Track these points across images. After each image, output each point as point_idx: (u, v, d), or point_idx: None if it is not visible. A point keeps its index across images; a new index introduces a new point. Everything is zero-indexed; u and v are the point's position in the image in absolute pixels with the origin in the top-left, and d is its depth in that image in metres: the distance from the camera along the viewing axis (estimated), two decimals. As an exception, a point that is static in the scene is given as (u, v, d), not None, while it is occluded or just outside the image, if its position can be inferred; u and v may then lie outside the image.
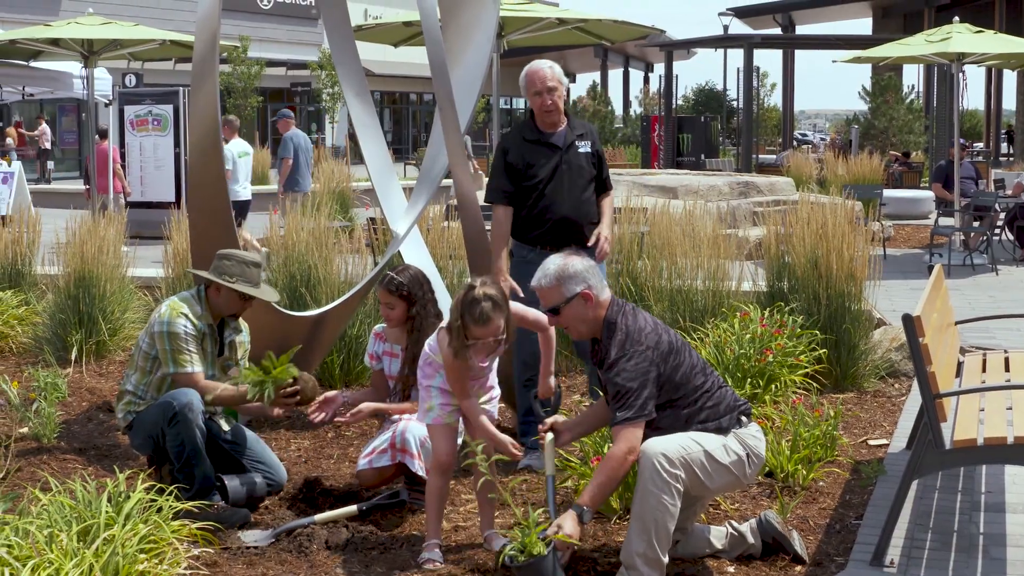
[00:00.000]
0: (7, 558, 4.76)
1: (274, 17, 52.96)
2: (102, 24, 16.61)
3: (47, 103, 42.07)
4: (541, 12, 13.45)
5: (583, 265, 5.66)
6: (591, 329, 5.66)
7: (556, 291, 5.62)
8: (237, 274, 6.83)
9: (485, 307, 5.58)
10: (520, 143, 7.67)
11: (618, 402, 5.43)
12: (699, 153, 35.17)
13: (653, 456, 5.27)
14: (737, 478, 5.57)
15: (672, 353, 5.53)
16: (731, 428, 5.54)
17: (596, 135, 7.89)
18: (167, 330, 6.74)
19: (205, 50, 7.84)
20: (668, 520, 5.27)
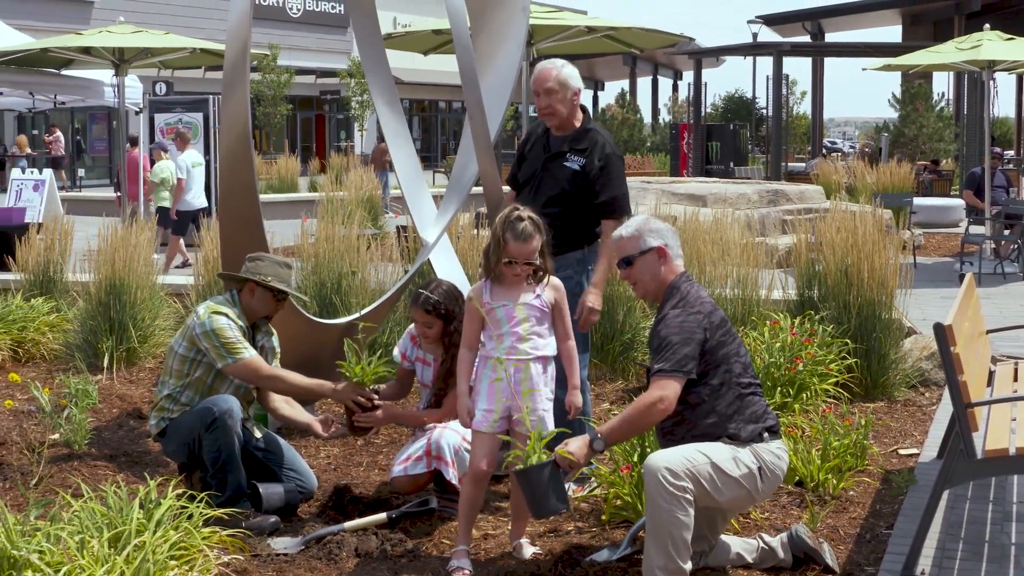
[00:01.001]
0: (39, 564, 4.78)
1: (304, 25, 53.12)
2: (133, 33, 16.68)
3: (78, 111, 42.28)
4: (570, 20, 13.43)
5: (666, 226, 5.75)
6: (657, 289, 5.67)
7: (634, 241, 5.66)
8: (270, 274, 6.86)
9: (527, 225, 5.73)
10: (532, 134, 7.51)
11: (657, 354, 5.43)
12: (728, 161, 35.16)
13: (657, 471, 5.24)
14: (749, 493, 5.51)
15: (722, 329, 5.52)
16: (750, 441, 5.50)
17: (604, 154, 7.18)
18: (211, 327, 6.75)
19: (236, 58, 7.86)
20: (683, 531, 5.24)
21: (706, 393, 5.46)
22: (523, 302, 5.85)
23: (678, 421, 5.47)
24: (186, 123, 21.97)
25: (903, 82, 44.09)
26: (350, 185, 21.83)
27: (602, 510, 6.52)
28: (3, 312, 11.11)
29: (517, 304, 5.85)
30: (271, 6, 50.59)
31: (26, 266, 12.32)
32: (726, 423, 5.47)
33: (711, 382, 5.47)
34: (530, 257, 5.76)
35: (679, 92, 74.27)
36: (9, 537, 4.88)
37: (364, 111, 49.03)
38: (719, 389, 5.48)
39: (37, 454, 7.61)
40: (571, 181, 7.17)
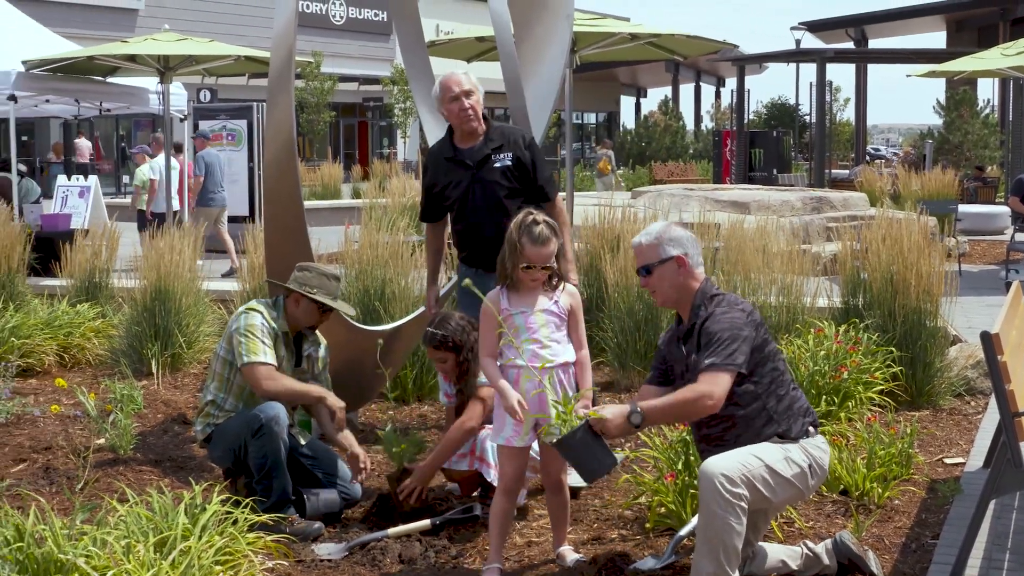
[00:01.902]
0: (85, 568, 4.80)
1: (347, 33, 53.30)
2: (178, 40, 16.77)
3: (122, 118, 42.55)
4: (613, 27, 13.39)
5: (686, 234, 5.68)
6: (678, 297, 5.62)
7: (653, 250, 5.60)
8: (317, 286, 6.88)
9: (543, 229, 5.74)
10: (437, 162, 7.49)
11: (707, 349, 5.37)
12: (771, 168, 35.01)
13: (714, 477, 5.20)
14: (800, 491, 5.50)
15: (763, 327, 5.51)
16: (799, 437, 5.49)
17: (523, 141, 7.35)
18: (244, 324, 6.82)
19: (281, 65, 7.90)
20: (735, 539, 5.21)
21: (757, 391, 5.43)
22: (541, 308, 5.85)
23: (728, 426, 5.44)
24: (230, 130, 22.08)
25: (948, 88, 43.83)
26: (393, 192, 21.88)
27: (646, 518, 6.50)
28: (50, 318, 11.20)
29: (535, 311, 5.84)
30: (314, 14, 50.80)
31: (72, 272, 12.41)
32: (778, 420, 5.44)
33: (762, 380, 5.44)
34: (547, 261, 5.77)
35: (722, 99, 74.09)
36: (56, 541, 4.91)
37: (407, 118, 49.15)
38: (769, 386, 5.46)
39: (83, 459, 7.66)
40: (508, 177, 7.27)
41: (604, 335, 10.20)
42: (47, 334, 10.96)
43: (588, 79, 60.23)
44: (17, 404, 9.15)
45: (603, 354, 10.17)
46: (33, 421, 8.93)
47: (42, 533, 4.99)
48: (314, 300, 6.87)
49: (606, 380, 10.06)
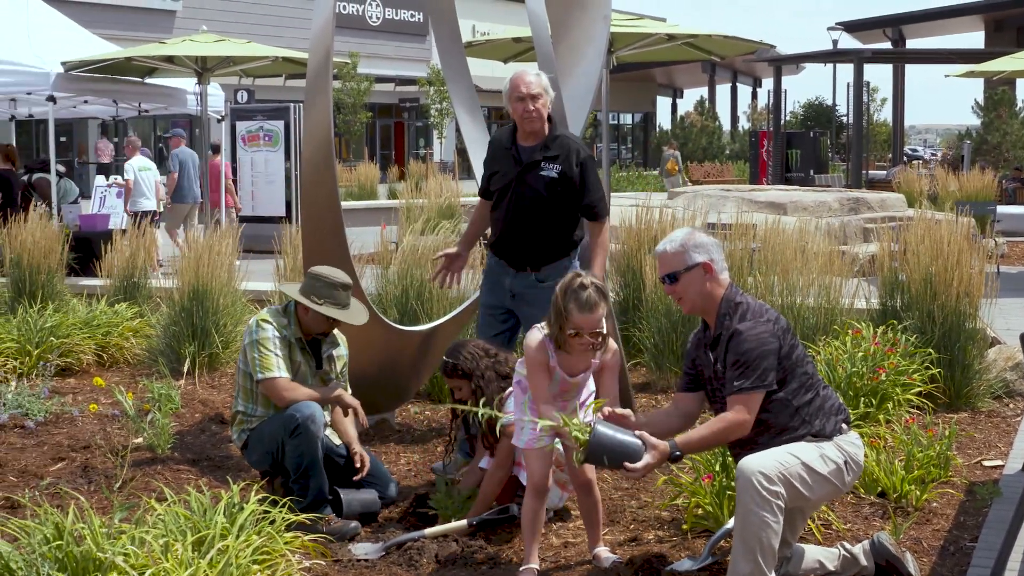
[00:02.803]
0: (124, 566, 4.82)
1: (383, 34, 53.37)
2: (215, 42, 16.83)
3: (160, 119, 42.72)
4: (650, 28, 13.37)
5: (710, 239, 5.66)
6: (704, 304, 5.60)
7: (679, 257, 5.59)
8: (325, 296, 6.88)
9: (591, 293, 5.60)
10: (496, 147, 7.57)
11: (736, 370, 5.37)
12: (808, 169, 34.88)
13: (751, 475, 5.19)
14: (837, 487, 5.49)
15: (788, 333, 5.50)
16: (833, 435, 5.47)
17: (576, 157, 7.31)
18: (255, 338, 6.86)
19: (319, 66, 7.92)
20: (772, 538, 5.20)
21: (789, 397, 5.42)
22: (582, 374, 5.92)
23: (761, 430, 5.43)
24: (267, 131, 22.16)
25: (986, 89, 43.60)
26: (429, 192, 21.91)
27: (683, 519, 6.49)
28: (88, 317, 11.26)
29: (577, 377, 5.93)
30: (351, 15, 50.89)
31: (110, 272, 12.47)
32: (810, 421, 5.43)
33: (792, 386, 5.44)
34: (596, 327, 5.67)
35: (758, 99, 73.89)
36: (95, 539, 4.93)
37: (443, 119, 49.21)
38: (800, 391, 5.45)
39: (121, 458, 7.69)
40: (550, 189, 7.26)
41: (641, 336, 10.19)
42: (85, 333, 11.02)
43: (624, 79, 60.14)
44: (56, 403, 9.20)
45: (639, 355, 10.16)
46: (71, 420, 8.98)
47: (81, 531, 5.01)
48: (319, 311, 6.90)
49: (642, 381, 10.05)
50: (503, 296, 7.57)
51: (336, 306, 6.91)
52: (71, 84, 16.71)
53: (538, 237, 7.36)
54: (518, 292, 7.49)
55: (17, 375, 10.13)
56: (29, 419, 8.80)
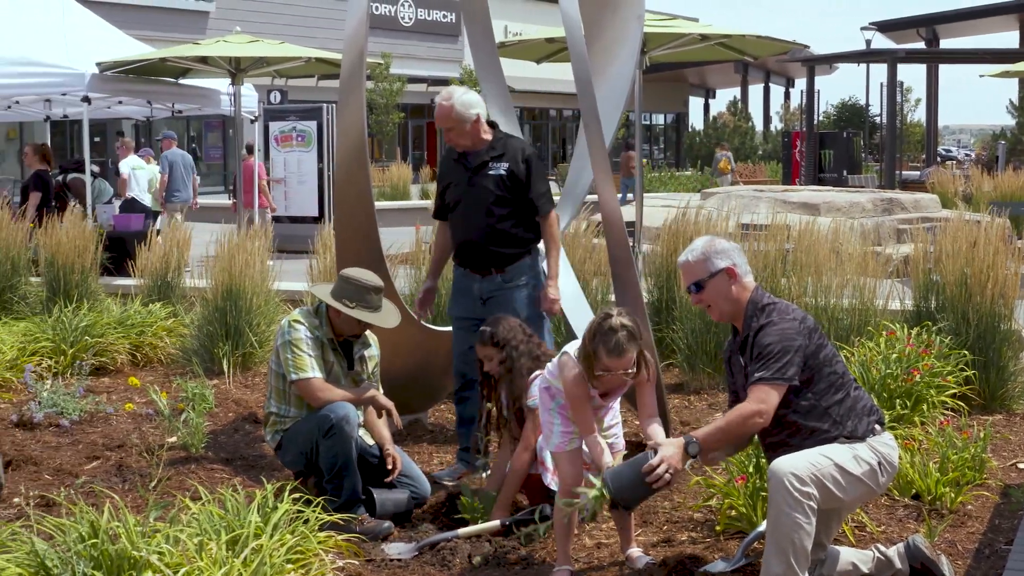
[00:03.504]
0: (158, 564, 4.84)
1: (415, 34, 53.44)
2: (249, 42, 16.88)
3: (193, 119, 42.91)
4: (684, 28, 13.33)
5: (730, 244, 5.66)
6: (733, 310, 5.60)
7: (701, 265, 5.59)
8: (356, 299, 6.88)
9: (621, 337, 5.50)
10: (447, 162, 7.83)
11: (757, 362, 5.36)
12: (841, 169, 34.72)
13: (783, 476, 5.18)
14: (871, 488, 5.47)
15: (816, 333, 5.47)
16: (866, 436, 5.45)
17: (521, 154, 7.57)
18: (288, 339, 6.87)
19: (352, 66, 7.94)
20: (804, 539, 5.19)
21: (817, 398, 5.41)
22: (616, 392, 5.94)
23: (792, 432, 5.42)
24: (300, 131, 22.22)
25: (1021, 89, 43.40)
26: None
27: (716, 520, 6.47)
28: (122, 317, 11.32)
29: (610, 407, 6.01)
30: (383, 15, 50.98)
31: (145, 272, 12.52)
32: (842, 423, 5.41)
33: (819, 386, 5.42)
34: (627, 368, 5.62)
35: (791, 99, 73.72)
36: (130, 538, 4.96)
37: (475, 119, 49.18)
38: (828, 391, 5.43)
39: (155, 457, 7.72)
40: (501, 186, 7.49)
41: (674, 336, 10.17)
42: (120, 333, 11.07)
43: (656, 80, 60.07)
44: (90, 402, 9.25)
45: (673, 356, 10.14)
46: (106, 419, 9.02)
47: (116, 530, 5.04)
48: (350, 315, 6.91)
49: (676, 382, 10.03)
50: (473, 305, 7.70)
51: (367, 309, 6.92)
52: (105, 85, 16.77)
53: (496, 236, 7.52)
54: (487, 297, 7.64)
55: (52, 374, 10.18)
56: (64, 418, 8.85)
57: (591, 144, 7.58)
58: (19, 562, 5.00)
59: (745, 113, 63.90)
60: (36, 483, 7.43)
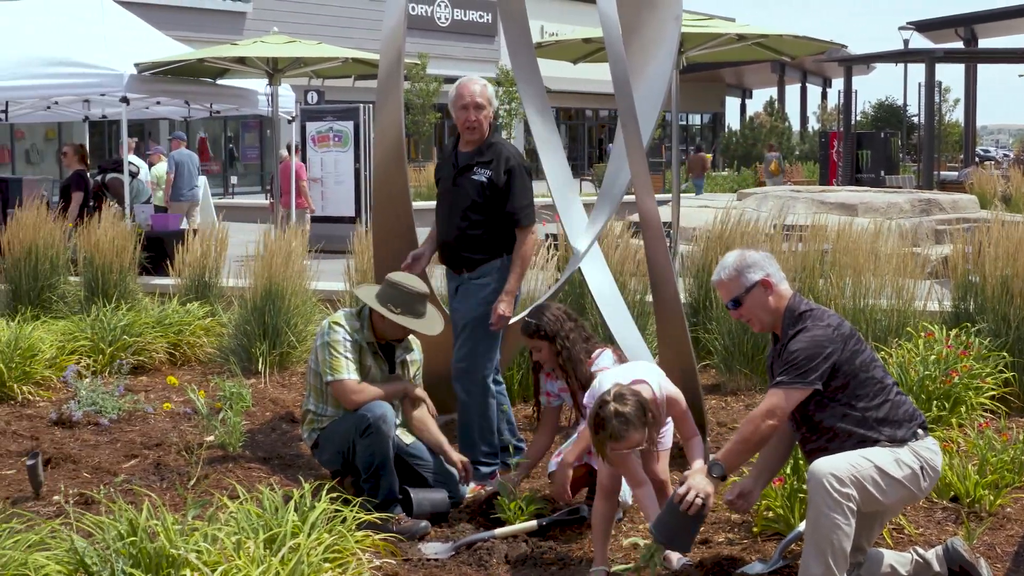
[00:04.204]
0: (196, 563, 4.87)
1: (452, 34, 53.46)
2: (286, 43, 16.93)
3: (230, 119, 43.08)
4: (721, 28, 13.30)
5: (761, 255, 5.68)
6: (773, 320, 5.61)
7: (736, 281, 5.61)
8: (400, 305, 6.88)
9: (616, 426, 5.51)
10: (443, 155, 7.86)
11: (781, 367, 5.39)
12: (879, 170, 34.54)
13: (822, 476, 5.18)
14: (912, 493, 5.45)
15: (853, 339, 5.47)
16: (907, 440, 5.43)
17: (506, 164, 7.49)
18: (326, 340, 6.88)
19: (390, 66, 7.95)
20: (843, 540, 5.18)
21: (854, 403, 5.40)
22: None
23: (831, 437, 5.41)
24: (337, 131, 22.26)
25: (1061, 89, 43.03)
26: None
27: (753, 522, 6.46)
28: (160, 316, 11.37)
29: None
30: (420, 15, 51.03)
31: (182, 271, 12.58)
32: (882, 428, 5.39)
33: (856, 392, 5.41)
34: (636, 447, 5.64)
35: (828, 99, 73.42)
36: (168, 536, 4.98)
37: (511, 119, 49.20)
38: (866, 396, 5.42)
39: (193, 455, 7.75)
40: (480, 193, 7.47)
41: (710, 337, 10.15)
42: (158, 332, 11.12)
43: (693, 80, 59.94)
44: (129, 401, 9.29)
45: (709, 356, 10.11)
46: (144, 418, 9.07)
47: (155, 528, 5.07)
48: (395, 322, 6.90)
49: (712, 383, 10.00)
50: (451, 298, 7.80)
51: (411, 315, 6.92)
52: (144, 85, 16.85)
53: (467, 240, 7.52)
54: (454, 292, 7.74)
55: (91, 373, 10.23)
56: (103, 416, 8.90)
57: (629, 144, 7.55)
58: (59, 559, 5.04)
59: (782, 113, 63.69)
60: (75, 481, 7.48)
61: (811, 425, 5.46)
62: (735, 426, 8.63)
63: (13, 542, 5.18)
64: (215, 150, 46.19)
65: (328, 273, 12.17)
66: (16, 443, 8.40)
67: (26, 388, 9.71)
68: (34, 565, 4.97)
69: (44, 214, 13.14)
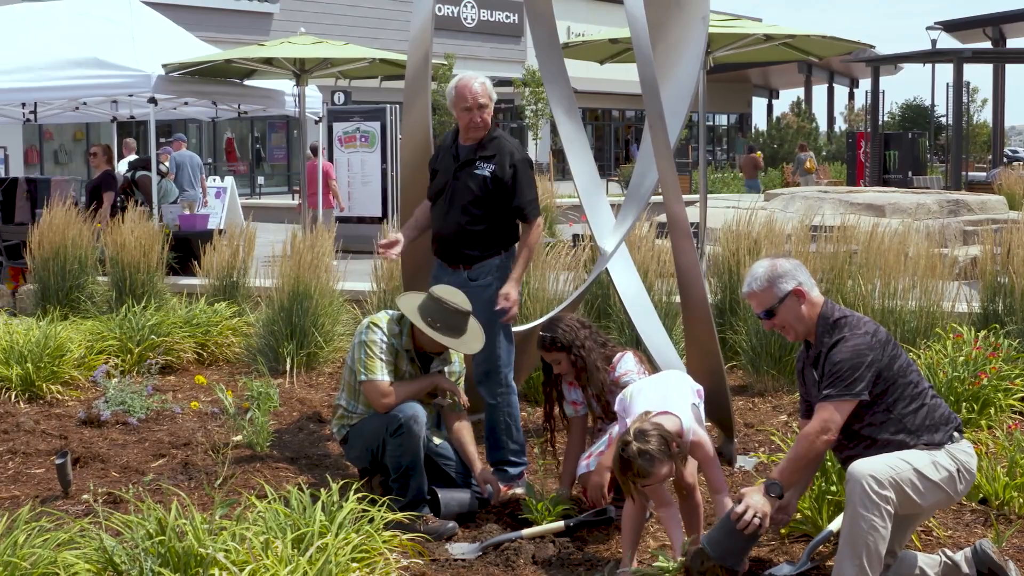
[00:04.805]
0: (225, 562, 4.88)
1: (478, 35, 53.48)
2: (313, 43, 16.95)
3: (257, 120, 43.18)
4: (748, 28, 13.26)
5: (791, 264, 5.66)
6: (806, 328, 5.61)
7: (769, 292, 5.60)
8: (440, 320, 6.79)
9: (641, 465, 5.50)
10: (440, 149, 7.76)
11: (826, 380, 5.38)
12: (906, 170, 34.40)
13: (861, 478, 5.18)
14: (948, 495, 5.45)
15: (890, 344, 5.47)
16: (944, 443, 5.42)
17: (510, 159, 7.48)
18: (363, 339, 6.86)
19: (418, 67, 7.97)
20: (879, 543, 5.17)
21: (891, 410, 5.39)
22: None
23: (868, 445, 5.41)
24: (364, 132, 22.30)
25: (1090, 90, 42.78)
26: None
27: (781, 523, 6.44)
28: (188, 316, 11.41)
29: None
30: (446, 16, 51.06)
31: (210, 271, 12.61)
32: (918, 433, 5.39)
33: (893, 398, 5.40)
34: (665, 480, 5.65)
35: (855, 100, 73.18)
36: (196, 535, 5.00)
37: (538, 120, 49.18)
38: (903, 402, 5.41)
39: (221, 455, 7.78)
40: (483, 188, 7.42)
41: (737, 338, 10.13)
42: (186, 332, 11.16)
43: (719, 80, 59.81)
44: (157, 400, 9.32)
45: (736, 357, 10.10)
46: (172, 417, 9.09)
47: (183, 527, 5.08)
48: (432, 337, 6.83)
49: (739, 384, 9.98)
50: None
51: (451, 331, 6.82)
52: (172, 86, 16.88)
53: (466, 235, 7.47)
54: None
55: (119, 372, 10.27)
56: (131, 416, 8.93)
57: (656, 145, 7.54)
58: (88, 558, 5.07)
59: (809, 114, 63.50)
60: (103, 480, 7.51)
61: (849, 432, 5.45)
62: (762, 428, 8.62)
63: (42, 540, 5.21)
64: (242, 151, 46.32)
65: (355, 273, 12.19)
66: (45, 442, 8.44)
67: (55, 387, 9.76)
68: (63, 563, 5.00)
69: (72, 214, 13.20)
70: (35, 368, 9.69)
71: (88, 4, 18.12)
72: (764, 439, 8.36)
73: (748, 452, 8.02)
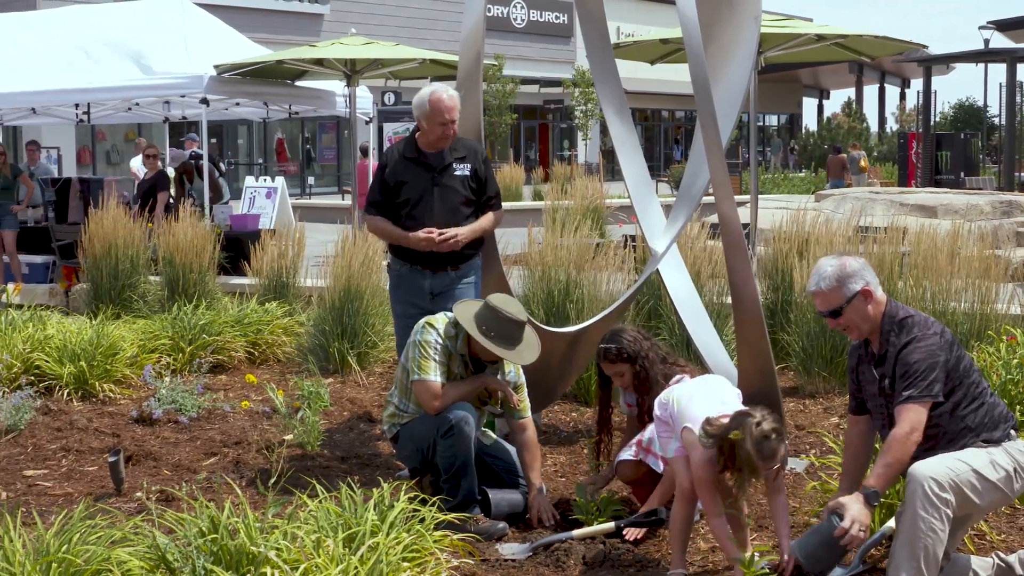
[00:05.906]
0: (276, 561, 4.91)
1: (528, 35, 53.50)
2: (364, 44, 17.00)
3: (307, 120, 43.36)
4: (800, 28, 13.21)
5: (859, 263, 5.62)
6: (871, 327, 5.58)
7: (838, 292, 5.55)
8: (496, 329, 6.73)
9: (773, 444, 5.47)
10: (397, 160, 7.82)
11: (904, 381, 5.35)
12: (958, 171, 34.16)
13: (923, 480, 5.16)
14: (1005, 495, 5.43)
15: (955, 344, 5.46)
16: (1002, 440, 5.40)
17: (481, 156, 7.88)
18: (418, 339, 6.84)
19: (470, 67, 7.98)
20: (937, 546, 5.15)
21: (955, 409, 5.38)
22: None
23: (931, 445, 5.38)
24: (413, 132, 22.35)
25: None
26: (575, 194, 21.84)
27: (832, 525, 6.40)
28: (239, 315, 11.47)
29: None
30: (496, 16, 51.10)
31: (260, 271, 12.68)
32: (978, 431, 5.38)
33: (958, 397, 5.39)
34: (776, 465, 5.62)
35: (907, 100, 72.74)
36: (249, 534, 5.03)
37: (587, 120, 49.19)
38: (966, 400, 5.40)
39: (273, 454, 7.81)
40: (466, 186, 7.78)
41: (789, 339, 10.08)
42: (237, 331, 11.22)
43: (769, 80, 59.57)
44: (208, 399, 9.38)
45: (787, 359, 10.05)
46: (223, 416, 9.15)
47: (235, 525, 5.11)
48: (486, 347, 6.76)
49: (790, 385, 9.93)
50: (422, 301, 7.79)
51: (505, 341, 6.75)
52: (223, 87, 16.98)
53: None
54: (438, 292, 7.78)
55: (171, 371, 10.34)
56: (183, 414, 8.99)
57: (708, 146, 7.49)
58: (140, 555, 5.10)
59: (860, 114, 63.20)
60: (156, 478, 7.56)
61: None
62: (813, 430, 8.58)
63: (96, 537, 5.25)
64: (292, 151, 46.54)
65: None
66: (98, 440, 8.51)
67: (107, 386, 9.83)
68: (116, 560, 5.04)
69: (122, 213, 13.30)
70: (88, 367, 9.77)
71: (141, 6, 18.29)
72: (815, 441, 8.32)
73: (799, 454, 7.98)
